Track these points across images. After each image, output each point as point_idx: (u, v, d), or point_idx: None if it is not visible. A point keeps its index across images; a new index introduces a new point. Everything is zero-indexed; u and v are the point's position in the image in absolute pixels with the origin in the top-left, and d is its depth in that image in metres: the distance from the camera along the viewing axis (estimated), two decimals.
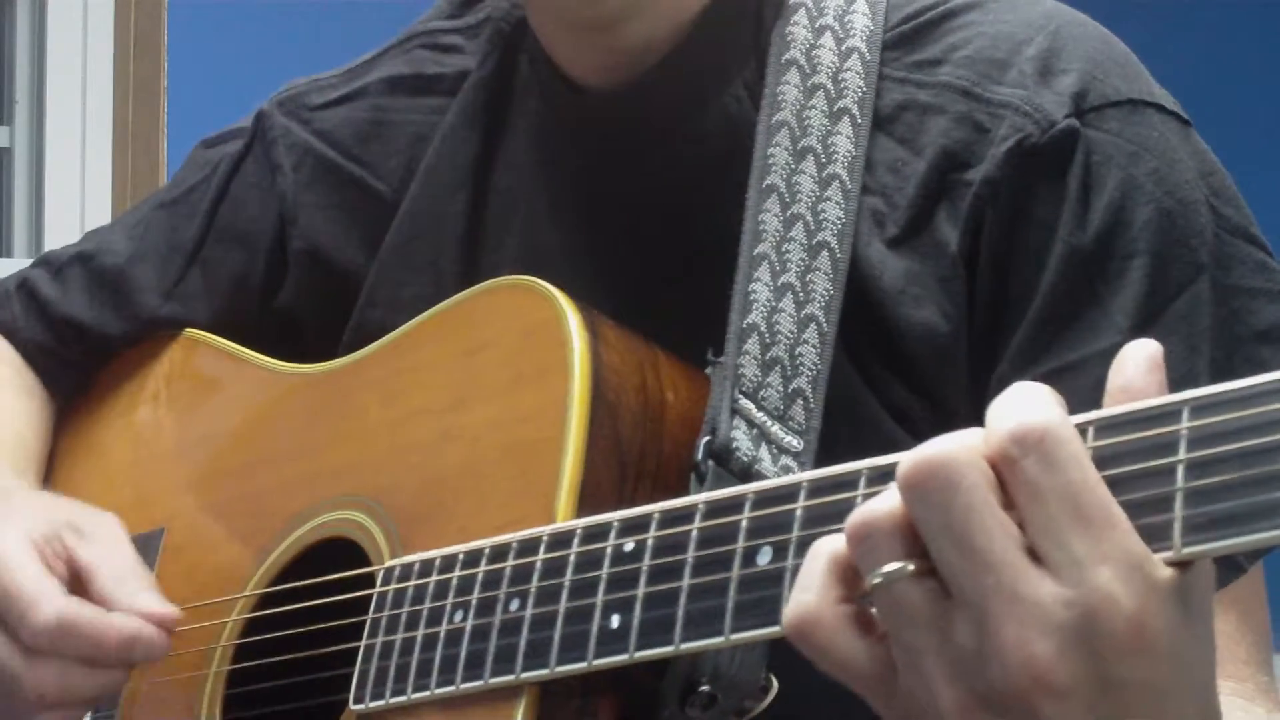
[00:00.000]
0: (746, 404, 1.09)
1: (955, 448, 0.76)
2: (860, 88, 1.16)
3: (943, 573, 0.76)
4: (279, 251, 1.40)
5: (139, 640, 1.20)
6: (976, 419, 1.10)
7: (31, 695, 1.20)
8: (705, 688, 1.01)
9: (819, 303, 1.11)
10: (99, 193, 3.41)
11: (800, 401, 1.10)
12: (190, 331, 1.44)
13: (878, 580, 0.76)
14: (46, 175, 3.44)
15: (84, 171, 3.42)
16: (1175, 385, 1.02)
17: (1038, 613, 0.73)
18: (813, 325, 1.11)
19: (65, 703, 1.21)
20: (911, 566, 0.76)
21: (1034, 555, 0.75)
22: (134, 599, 1.21)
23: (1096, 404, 1.03)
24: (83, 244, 1.51)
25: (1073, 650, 0.73)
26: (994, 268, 1.10)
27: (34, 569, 1.21)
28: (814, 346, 1.11)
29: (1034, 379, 1.05)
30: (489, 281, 1.19)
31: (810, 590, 0.79)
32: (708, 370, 1.12)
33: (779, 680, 1.03)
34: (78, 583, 1.23)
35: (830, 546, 0.79)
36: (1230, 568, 1.07)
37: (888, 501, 0.77)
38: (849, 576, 0.78)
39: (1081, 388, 1.04)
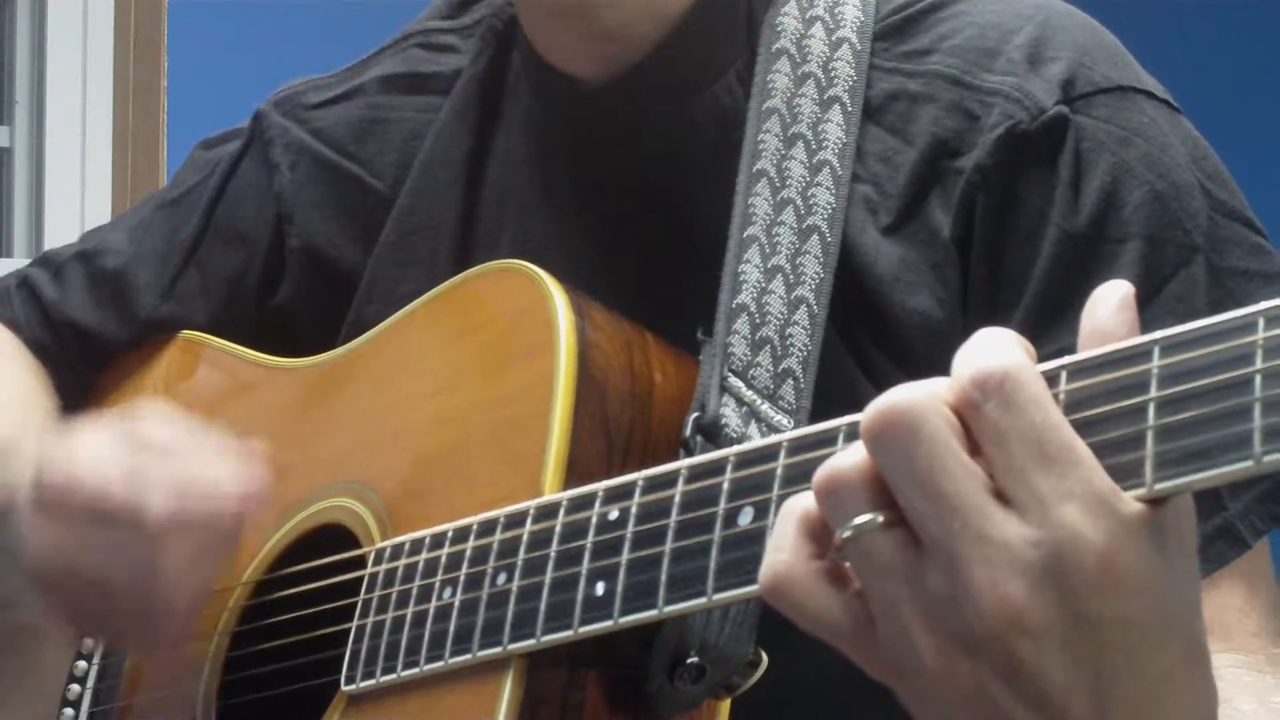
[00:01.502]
0: (736, 382, 1.10)
1: (915, 395, 0.76)
2: (850, 77, 1.16)
3: (911, 521, 0.76)
4: (276, 250, 1.40)
5: (247, 492, 1.18)
6: None
7: (170, 580, 1.17)
8: (694, 659, 1.01)
9: (809, 285, 1.12)
10: (99, 193, 3.42)
11: (790, 381, 1.10)
12: (187, 333, 1.45)
13: (847, 534, 0.76)
14: (46, 175, 3.44)
15: (84, 171, 3.42)
16: None
17: (1007, 554, 0.73)
18: (803, 307, 1.11)
19: (201, 574, 1.18)
20: (880, 518, 0.76)
21: (1001, 498, 0.75)
22: (229, 476, 1.18)
23: None
24: (83, 243, 1.51)
25: (1044, 589, 0.73)
26: (987, 253, 1.11)
27: (128, 471, 1.17)
28: (804, 328, 1.11)
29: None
30: (478, 267, 1.20)
31: (783, 549, 0.79)
32: (700, 353, 1.12)
33: (768, 656, 1.03)
34: (167, 465, 1.19)
35: (800, 504, 0.79)
36: (1234, 543, 1.07)
37: (853, 455, 0.77)
38: (820, 532, 0.78)
39: None
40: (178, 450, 1.19)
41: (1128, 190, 1.10)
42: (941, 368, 1.11)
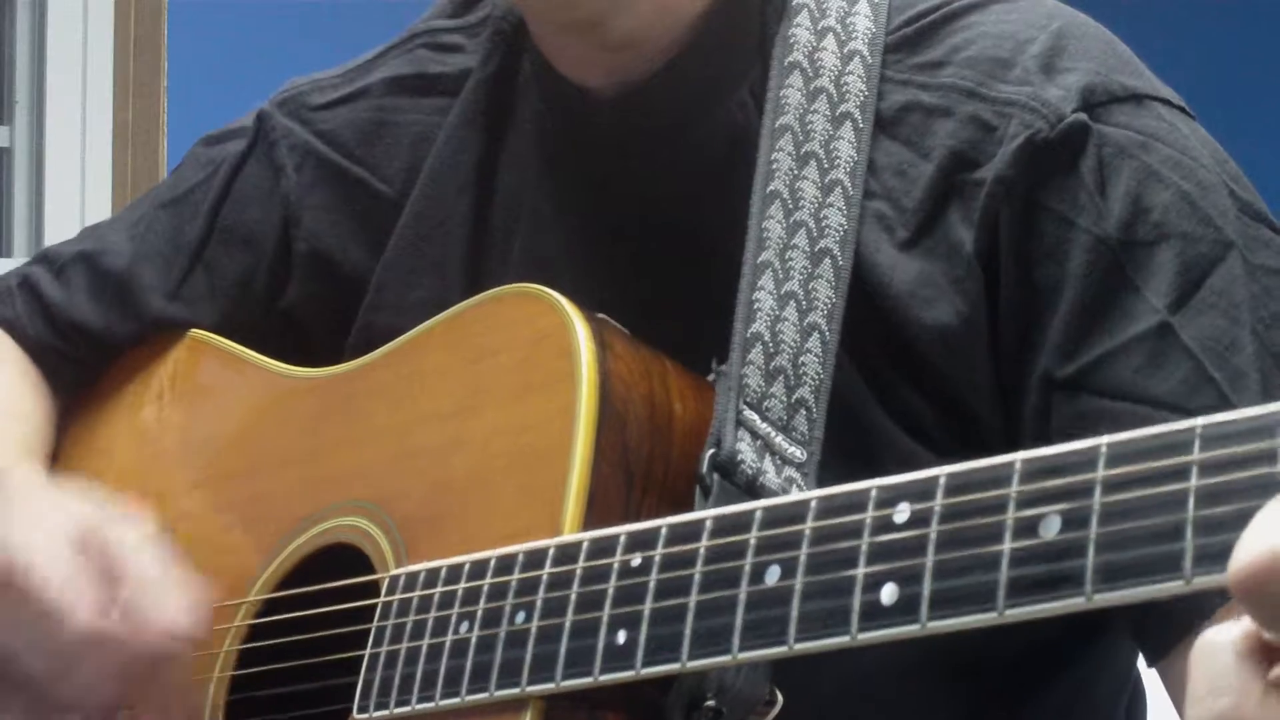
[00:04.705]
0: (750, 415, 1.09)
1: None
2: (862, 91, 1.15)
3: None
4: (283, 253, 1.39)
5: (166, 656, 1.18)
6: (999, 419, 1.10)
7: (82, 686, 1.19)
8: (710, 703, 1.01)
9: (821, 311, 1.11)
10: (99, 193, 3.41)
11: (803, 411, 1.09)
12: (195, 332, 1.43)
13: None
14: (46, 175, 3.44)
15: (84, 171, 3.42)
16: (1219, 356, 1.03)
17: None
18: (815, 334, 1.10)
19: (116, 690, 1.20)
20: None
21: None
22: (161, 612, 1.19)
23: (1140, 388, 1.03)
24: (83, 242, 1.49)
25: None
26: (1017, 265, 1.10)
27: (64, 576, 1.19)
28: (817, 356, 1.10)
29: (1077, 370, 1.05)
30: (497, 289, 1.19)
31: (1227, 693, 0.71)
32: (711, 378, 1.11)
33: (783, 695, 1.03)
34: (110, 581, 1.21)
35: (1229, 636, 0.72)
36: None
37: None
38: (1262, 658, 0.71)
39: (1123, 372, 1.05)
40: (134, 569, 1.20)
41: (1155, 193, 1.08)
42: (962, 385, 1.11)
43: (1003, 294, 1.10)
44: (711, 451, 1.07)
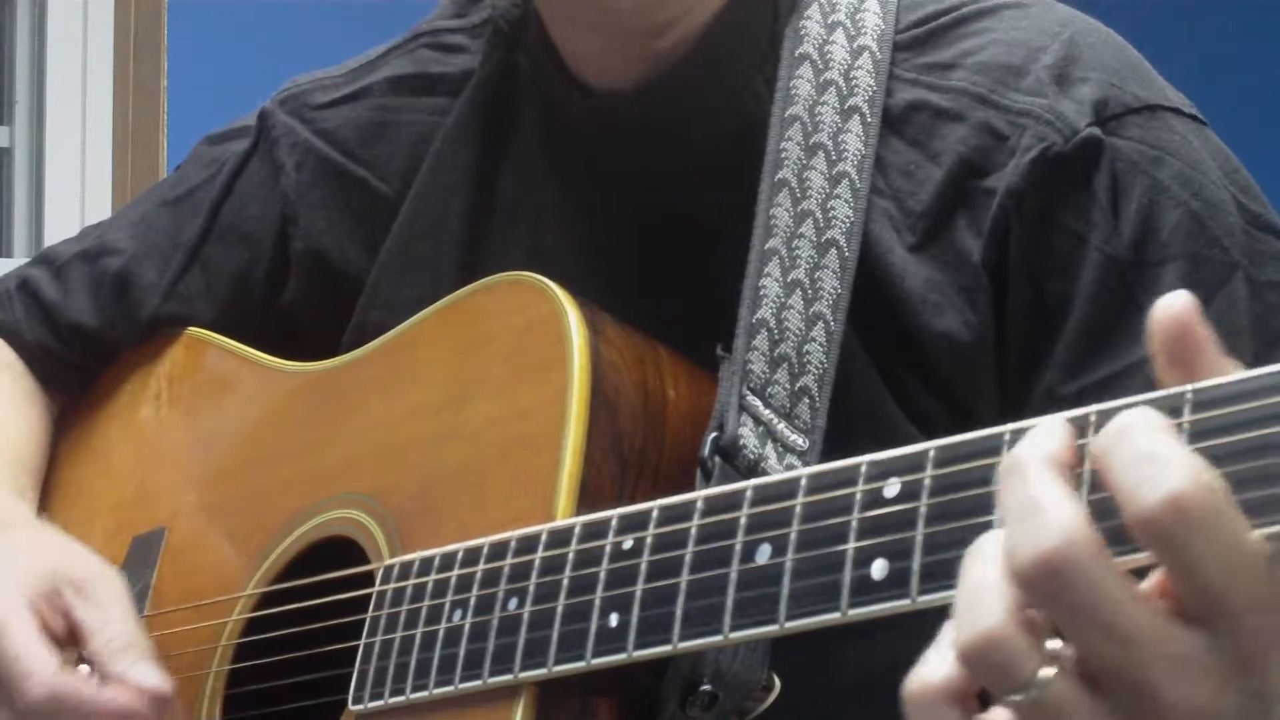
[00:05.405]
0: (754, 400, 1.09)
1: (1069, 536, 0.69)
2: (870, 86, 1.15)
3: (1091, 660, 0.70)
4: (281, 251, 1.39)
5: (131, 715, 1.18)
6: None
7: None
8: (706, 687, 1.00)
9: (827, 301, 1.11)
10: (99, 193, 3.41)
11: (806, 400, 1.09)
12: (193, 330, 1.44)
13: (1028, 695, 0.69)
14: (46, 175, 3.43)
15: (84, 171, 3.41)
16: None
17: (1194, 665, 0.68)
18: (820, 323, 1.10)
19: None
20: (1053, 671, 0.69)
21: (1179, 613, 0.69)
22: (128, 671, 1.19)
23: None
24: (84, 241, 1.50)
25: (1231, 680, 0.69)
26: (1027, 278, 1.10)
27: (30, 634, 1.20)
28: (821, 345, 1.10)
29: (1081, 389, 1.06)
30: (488, 278, 1.19)
31: None
32: (720, 365, 1.11)
33: (781, 680, 1.02)
34: (75, 642, 1.22)
35: (934, 678, 0.73)
36: None
37: (995, 613, 0.70)
38: (969, 706, 0.72)
39: (1127, 395, 1.04)
40: (99, 628, 1.21)
41: (1165, 211, 1.09)
42: (969, 390, 1.10)
43: (1010, 306, 1.10)
44: (714, 435, 1.07)
